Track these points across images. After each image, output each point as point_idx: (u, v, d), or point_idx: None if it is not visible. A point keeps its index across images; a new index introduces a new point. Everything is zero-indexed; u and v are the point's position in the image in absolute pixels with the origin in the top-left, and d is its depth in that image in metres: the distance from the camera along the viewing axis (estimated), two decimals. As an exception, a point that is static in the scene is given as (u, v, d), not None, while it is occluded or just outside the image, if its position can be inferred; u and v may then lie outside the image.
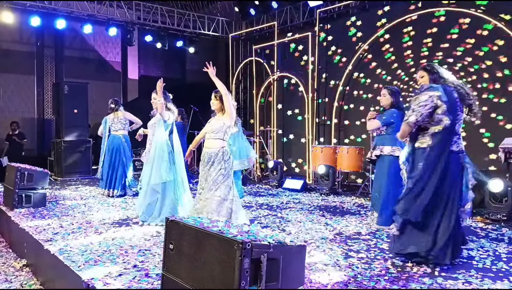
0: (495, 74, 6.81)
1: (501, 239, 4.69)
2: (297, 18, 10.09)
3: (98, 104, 10.49)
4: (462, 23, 7.16)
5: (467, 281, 3.37)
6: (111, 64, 12.18)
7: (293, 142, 10.41)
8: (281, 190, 8.23)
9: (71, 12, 9.72)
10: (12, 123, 10.17)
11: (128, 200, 6.90)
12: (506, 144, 5.66)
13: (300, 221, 5.54)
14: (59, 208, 6.18)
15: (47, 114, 11.50)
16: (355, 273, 3.52)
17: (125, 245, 4.30)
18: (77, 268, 3.54)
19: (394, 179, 4.90)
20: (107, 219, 5.48)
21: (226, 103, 4.42)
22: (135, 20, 10.56)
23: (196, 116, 9.58)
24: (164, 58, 12.84)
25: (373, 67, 8.63)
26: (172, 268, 2.85)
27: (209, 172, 4.43)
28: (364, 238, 4.69)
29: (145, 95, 7.56)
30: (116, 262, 3.73)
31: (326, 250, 4.19)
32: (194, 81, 12.59)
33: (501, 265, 3.76)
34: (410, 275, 3.49)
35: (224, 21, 11.70)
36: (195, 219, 2.95)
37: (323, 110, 9.53)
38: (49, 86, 11.42)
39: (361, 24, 8.86)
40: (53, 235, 4.62)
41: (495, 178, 5.61)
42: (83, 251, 4.04)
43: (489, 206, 5.59)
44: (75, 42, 11.62)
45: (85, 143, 9.76)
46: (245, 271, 2.39)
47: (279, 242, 2.64)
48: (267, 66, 10.92)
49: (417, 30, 7.81)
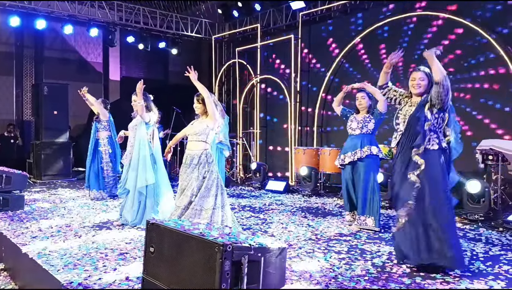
0: (471, 75, 6.95)
1: (479, 239, 4.79)
2: (280, 20, 10.14)
3: (78, 106, 10.33)
4: (436, 25, 7.31)
5: (445, 281, 3.43)
6: (92, 65, 12.04)
7: (276, 144, 10.44)
8: (264, 192, 8.25)
9: (51, 12, 9.57)
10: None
11: (109, 203, 6.83)
12: (483, 146, 5.78)
13: (282, 222, 5.56)
14: (37, 211, 6.08)
15: (26, 116, 11.30)
16: (336, 274, 3.56)
17: (105, 248, 4.25)
18: (56, 272, 3.49)
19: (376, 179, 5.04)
20: (87, 222, 5.41)
21: (209, 106, 4.41)
22: (117, 20, 10.46)
23: (179, 118, 9.53)
24: (147, 59, 12.75)
25: (355, 70, 8.73)
26: (153, 271, 2.84)
27: (192, 174, 4.41)
28: (345, 239, 4.74)
29: (127, 96, 7.48)
30: (96, 266, 3.69)
31: (308, 251, 4.22)
32: (176, 82, 12.53)
33: (479, 265, 3.84)
34: (390, 275, 3.54)
35: (207, 22, 11.68)
36: (176, 222, 2.95)
37: (306, 114, 9.59)
38: (28, 87, 11.22)
39: (342, 28, 8.95)
40: (32, 239, 4.55)
41: (473, 179, 5.73)
42: (62, 255, 3.99)
43: (467, 206, 5.70)
44: (56, 43, 11.45)
45: (65, 145, 9.61)
46: (226, 273, 2.40)
47: (260, 244, 2.65)
48: (250, 68, 10.94)
49: (396, 33, 7.93)
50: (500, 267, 3.80)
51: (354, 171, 5.07)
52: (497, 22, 6.69)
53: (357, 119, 5.09)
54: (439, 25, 7.32)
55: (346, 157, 5.08)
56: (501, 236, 4.89)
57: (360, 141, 4.99)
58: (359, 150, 4.96)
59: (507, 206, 5.76)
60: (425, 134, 3.62)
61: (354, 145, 5.02)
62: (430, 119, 3.62)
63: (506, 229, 5.13)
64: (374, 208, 5.01)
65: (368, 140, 5.00)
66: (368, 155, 4.95)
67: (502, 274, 3.60)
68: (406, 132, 3.72)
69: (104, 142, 7.20)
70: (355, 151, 4.99)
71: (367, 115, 5.06)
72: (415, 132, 3.65)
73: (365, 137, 5.00)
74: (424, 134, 3.62)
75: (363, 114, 5.10)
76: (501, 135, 6.53)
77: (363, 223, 5.05)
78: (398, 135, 3.82)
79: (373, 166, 4.99)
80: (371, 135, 5.03)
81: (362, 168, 4.97)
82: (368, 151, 4.94)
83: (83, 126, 11.40)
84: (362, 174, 4.97)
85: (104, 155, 7.18)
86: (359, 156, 4.96)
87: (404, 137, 3.74)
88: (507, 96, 6.54)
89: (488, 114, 6.75)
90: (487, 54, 6.76)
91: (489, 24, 6.72)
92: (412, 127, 3.68)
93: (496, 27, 6.68)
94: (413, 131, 3.66)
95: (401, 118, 3.80)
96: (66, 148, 9.60)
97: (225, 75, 11.88)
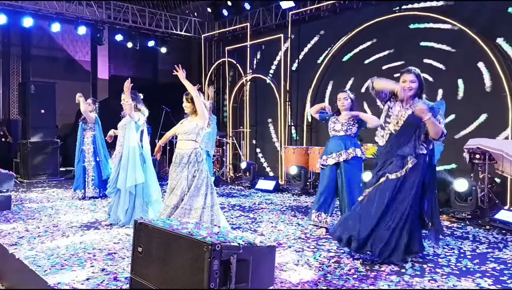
0: (454, 75, 7.01)
1: (466, 237, 4.84)
2: (269, 20, 10.14)
3: (66, 105, 10.23)
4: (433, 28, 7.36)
5: (433, 279, 3.46)
6: (80, 64, 11.92)
7: (266, 143, 10.45)
8: (253, 191, 8.25)
9: (38, 10, 9.46)
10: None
11: (97, 203, 6.77)
12: (470, 145, 5.84)
13: (272, 221, 5.56)
14: (24, 211, 6.01)
15: (13, 115, 11.15)
16: (325, 272, 3.57)
17: (93, 248, 4.22)
18: (43, 273, 3.46)
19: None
20: (75, 222, 5.36)
21: (198, 105, 4.39)
22: (105, 19, 10.37)
23: (168, 117, 9.49)
24: (136, 58, 12.66)
25: (344, 70, 8.76)
26: (141, 271, 2.82)
27: (182, 173, 4.38)
28: (334, 238, 4.75)
29: (115, 95, 7.42)
30: (84, 266, 3.66)
31: (297, 250, 4.23)
32: (166, 81, 12.46)
33: (466, 263, 3.88)
34: (378, 274, 3.56)
35: (196, 21, 11.63)
36: (165, 221, 2.93)
37: (296, 112, 9.60)
38: (15, 86, 11.07)
39: (331, 27, 8.98)
40: (18, 239, 4.50)
41: (460, 177, 5.79)
42: (49, 255, 3.94)
43: (454, 205, 5.76)
44: (43, 41, 11.31)
45: (53, 144, 9.50)
46: (214, 272, 2.39)
47: (248, 243, 2.65)
48: (239, 67, 10.92)
49: (385, 32, 7.97)
50: (487, 264, 3.85)
51: (339, 172, 4.95)
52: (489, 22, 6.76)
53: (341, 121, 4.97)
54: (428, 25, 7.37)
55: (329, 159, 4.94)
56: (488, 234, 4.95)
57: (344, 143, 4.89)
58: (344, 151, 4.86)
59: (494, 205, 5.82)
60: (416, 144, 3.72)
61: (338, 146, 4.91)
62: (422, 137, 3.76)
63: (493, 227, 5.19)
64: None
65: (352, 142, 4.91)
66: (354, 157, 4.87)
67: (489, 272, 3.64)
68: (398, 137, 3.76)
69: (88, 141, 7.19)
70: (339, 153, 4.88)
71: (350, 118, 4.95)
72: (407, 141, 3.73)
73: (349, 139, 4.91)
74: (415, 144, 3.71)
75: (346, 116, 4.98)
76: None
77: None
78: (386, 134, 3.83)
79: (359, 168, 4.97)
80: (354, 138, 4.99)
81: (349, 170, 4.88)
82: (354, 153, 4.86)
83: (71, 125, 11.29)
84: (350, 176, 4.88)
85: (86, 154, 7.16)
86: (344, 157, 4.85)
87: (395, 141, 3.77)
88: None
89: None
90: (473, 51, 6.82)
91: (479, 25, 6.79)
92: (405, 135, 3.73)
93: (485, 28, 6.75)
94: (406, 138, 3.73)
95: (393, 118, 3.79)
96: (53, 147, 9.49)
97: (215, 74, 11.85)
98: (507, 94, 6.36)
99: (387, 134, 3.83)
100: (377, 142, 3.96)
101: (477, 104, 6.75)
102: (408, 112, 3.75)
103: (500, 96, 6.47)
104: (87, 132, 7.19)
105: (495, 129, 6.50)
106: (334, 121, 5.03)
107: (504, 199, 6.20)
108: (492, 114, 6.59)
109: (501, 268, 3.75)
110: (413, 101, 3.78)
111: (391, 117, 3.81)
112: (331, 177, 4.95)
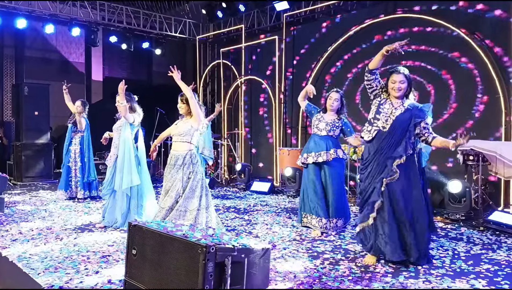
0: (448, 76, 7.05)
1: (460, 238, 4.86)
2: (264, 21, 10.14)
3: (60, 106, 10.14)
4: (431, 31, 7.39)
5: (427, 280, 3.47)
6: (74, 65, 11.85)
7: (261, 144, 10.45)
8: (248, 193, 8.24)
9: (32, 11, 9.40)
10: None
11: (91, 205, 6.73)
12: (464, 147, 5.86)
13: (267, 223, 5.56)
14: (18, 213, 5.96)
15: (6, 116, 11.06)
16: (320, 274, 3.57)
17: (87, 251, 4.19)
18: (37, 276, 3.44)
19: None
20: (68, 225, 5.33)
21: (193, 106, 4.38)
22: (99, 20, 10.32)
23: (163, 119, 9.46)
24: (130, 59, 12.61)
25: (339, 71, 8.78)
26: (135, 274, 2.81)
27: (177, 175, 4.37)
28: (329, 239, 4.76)
29: (109, 97, 7.40)
30: (78, 269, 3.63)
31: (292, 252, 4.22)
32: (161, 83, 12.42)
33: (460, 264, 3.90)
34: (373, 275, 3.57)
35: (191, 23, 11.61)
36: (159, 224, 2.92)
37: (290, 113, 9.61)
38: (8, 87, 10.98)
39: (326, 29, 9.00)
40: (12, 242, 4.47)
41: (454, 179, 5.82)
42: (43, 258, 3.92)
43: (448, 206, 5.79)
44: (36, 42, 11.24)
45: (47, 146, 9.45)
46: (209, 274, 2.38)
47: (243, 245, 2.64)
48: (234, 69, 10.92)
49: (382, 35, 8.00)
50: (481, 266, 3.86)
51: (321, 173, 4.95)
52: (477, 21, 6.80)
53: (326, 120, 4.96)
54: (422, 28, 7.40)
55: (309, 157, 4.94)
56: (482, 235, 4.97)
57: (325, 143, 4.88)
58: (324, 152, 4.85)
59: (487, 206, 5.85)
60: (407, 146, 3.75)
61: (319, 146, 4.90)
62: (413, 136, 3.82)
63: (487, 229, 5.22)
64: (346, 210, 5.07)
65: (334, 143, 4.92)
66: (335, 159, 4.88)
67: (483, 273, 3.66)
68: (389, 138, 3.77)
69: (76, 141, 7.25)
70: (319, 153, 4.87)
71: (336, 120, 4.96)
72: (398, 141, 3.75)
73: (331, 140, 4.91)
74: (406, 146, 3.75)
75: (331, 116, 4.99)
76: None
77: (334, 226, 4.97)
78: (373, 130, 3.84)
79: (341, 169, 4.99)
80: (336, 139, 4.99)
81: (332, 171, 4.89)
82: (335, 154, 4.87)
83: (64, 127, 11.13)
84: (334, 177, 4.90)
85: (72, 155, 7.20)
86: (325, 158, 4.85)
87: (386, 141, 3.77)
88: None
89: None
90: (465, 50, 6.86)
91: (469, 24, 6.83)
92: (397, 135, 3.75)
93: (473, 27, 6.79)
94: (397, 139, 3.75)
95: (383, 115, 3.81)
96: (47, 149, 9.44)
97: (210, 76, 11.83)
98: (500, 96, 6.41)
99: (374, 131, 3.83)
100: (363, 137, 3.97)
101: (470, 106, 6.79)
102: (397, 112, 3.77)
103: (493, 98, 6.51)
104: (77, 133, 7.26)
105: (488, 130, 6.54)
106: (319, 118, 5.01)
107: (497, 200, 6.23)
108: (485, 116, 6.63)
109: (495, 269, 3.76)
110: (402, 101, 3.81)
111: (380, 114, 3.83)
112: (317, 180, 4.94)
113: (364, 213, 3.88)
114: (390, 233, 3.71)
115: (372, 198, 3.81)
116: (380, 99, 3.87)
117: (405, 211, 3.73)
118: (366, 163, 3.90)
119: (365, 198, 3.88)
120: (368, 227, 3.84)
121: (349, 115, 6.20)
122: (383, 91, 3.88)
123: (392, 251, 3.70)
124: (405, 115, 3.75)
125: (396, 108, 3.79)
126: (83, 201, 7.05)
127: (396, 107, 3.79)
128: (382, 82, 3.91)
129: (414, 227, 3.73)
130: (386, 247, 3.72)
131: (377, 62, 3.79)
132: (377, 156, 3.80)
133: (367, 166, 3.89)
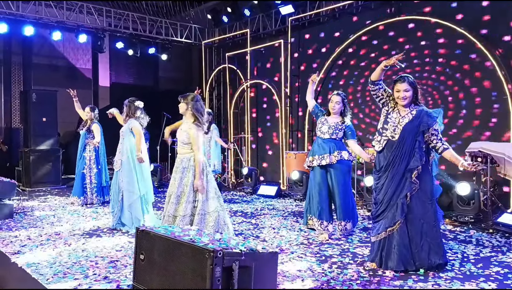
0: (456, 78, 7.02)
1: (469, 241, 4.82)
2: (269, 26, 10.16)
3: (67, 112, 10.23)
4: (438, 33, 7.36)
5: (436, 283, 3.44)
6: (81, 71, 11.94)
7: (267, 148, 10.45)
8: (255, 197, 8.23)
9: (39, 18, 9.50)
10: None
11: (99, 210, 6.76)
12: (472, 148, 5.82)
13: (274, 227, 5.55)
14: (27, 219, 6.01)
15: (15, 123, 11.17)
16: (328, 278, 3.55)
17: (95, 256, 4.21)
18: (46, 282, 3.45)
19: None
20: (77, 230, 5.36)
21: (194, 140, 4.31)
22: (106, 26, 10.41)
23: (169, 124, 9.46)
24: (136, 65, 12.68)
25: (344, 74, 8.77)
26: (143, 279, 2.81)
27: (181, 179, 4.35)
28: (337, 243, 4.74)
29: (116, 102, 7.44)
30: (86, 274, 3.65)
31: (300, 256, 4.21)
32: (167, 88, 12.48)
33: (469, 267, 3.86)
34: (382, 279, 3.55)
35: (196, 28, 11.67)
36: (166, 229, 2.93)
37: (296, 117, 9.61)
38: (16, 94, 11.09)
39: (331, 32, 9.00)
40: (21, 248, 4.50)
41: (462, 181, 5.77)
42: (51, 264, 3.94)
43: (457, 208, 5.74)
44: (44, 49, 11.34)
45: (55, 152, 9.52)
46: (216, 279, 2.38)
47: (251, 249, 2.64)
48: (240, 73, 10.94)
49: (387, 37, 7.98)
50: (491, 268, 3.82)
51: (327, 176, 4.95)
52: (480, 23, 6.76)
53: (329, 123, 4.97)
54: (428, 29, 7.38)
55: (314, 160, 4.95)
56: (491, 238, 4.93)
57: (328, 147, 4.88)
58: (327, 155, 4.85)
59: (496, 208, 5.80)
60: (421, 155, 3.70)
61: (322, 149, 4.91)
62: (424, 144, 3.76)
63: (496, 231, 5.17)
64: (355, 213, 5.06)
65: (338, 145, 4.92)
66: (340, 161, 4.87)
67: (493, 276, 3.63)
68: (400, 147, 3.72)
69: (90, 148, 7.24)
70: (322, 156, 4.88)
71: (339, 123, 4.96)
72: (410, 151, 3.70)
73: (334, 143, 4.91)
74: (421, 156, 3.70)
75: (335, 119, 4.99)
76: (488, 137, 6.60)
77: (343, 229, 4.97)
78: (383, 140, 3.82)
79: (346, 171, 4.96)
80: (340, 141, 4.98)
81: (337, 174, 4.89)
82: (339, 157, 4.86)
83: (72, 133, 11.29)
84: (339, 179, 4.89)
85: (87, 161, 7.20)
86: (328, 161, 4.85)
87: (397, 151, 3.73)
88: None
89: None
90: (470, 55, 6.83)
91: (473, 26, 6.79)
92: (407, 145, 3.70)
93: (478, 29, 6.75)
94: (408, 149, 3.70)
95: (391, 124, 3.78)
96: (55, 155, 9.50)
97: (216, 80, 11.87)
98: (507, 97, 6.36)
99: (384, 140, 3.81)
100: (374, 146, 3.95)
101: (478, 107, 6.75)
102: (404, 120, 3.73)
103: (501, 99, 6.47)
104: (90, 140, 7.23)
105: (496, 132, 6.49)
106: (322, 121, 5.03)
107: (507, 202, 6.17)
108: (494, 117, 6.58)
109: (505, 272, 3.73)
110: (409, 108, 3.77)
111: (388, 123, 3.80)
112: (323, 183, 4.95)
113: (380, 225, 3.81)
114: (402, 245, 3.68)
115: (393, 212, 3.73)
116: (388, 108, 3.84)
117: (416, 222, 3.70)
118: (380, 174, 3.85)
119: (380, 211, 3.82)
120: (382, 239, 3.79)
121: (355, 118, 6.19)
122: (391, 100, 3.84)
123: (404, 263, 3.68)
124: (413, 123, 3.69)
125: (403, 117, 3.74)
126: (101, 205, 7.10)
127: (403, 116, 3.74)
128: (388, 90, 3.86)
129: (425, 237, 3.70)
130: (395, 259, 3.69)
131: (378, 75, 3.78)
132: (391, 169, 3.75)
133: (380, 176, 3.84)
